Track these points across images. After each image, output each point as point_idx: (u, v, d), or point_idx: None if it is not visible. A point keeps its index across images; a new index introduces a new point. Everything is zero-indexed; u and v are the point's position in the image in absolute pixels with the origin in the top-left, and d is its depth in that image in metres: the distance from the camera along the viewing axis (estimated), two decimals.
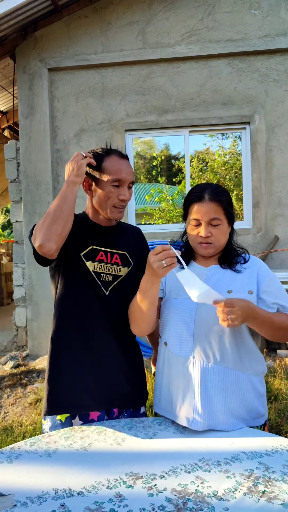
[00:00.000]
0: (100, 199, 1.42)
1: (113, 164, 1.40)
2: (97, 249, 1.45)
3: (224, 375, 1.28)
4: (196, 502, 0.91)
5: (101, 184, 1.40)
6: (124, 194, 1.41)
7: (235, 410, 1.29)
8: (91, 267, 1.43)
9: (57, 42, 4.87)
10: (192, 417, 1.27)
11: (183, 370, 1.31)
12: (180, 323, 1.33)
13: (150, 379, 3.49)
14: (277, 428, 2.68)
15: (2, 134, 7.69)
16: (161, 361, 1.42)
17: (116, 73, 4.89)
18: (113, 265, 1.47)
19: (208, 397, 1.27)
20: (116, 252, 1.48)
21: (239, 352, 1.30)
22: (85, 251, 1.43)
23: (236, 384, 1.29)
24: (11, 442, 2.71)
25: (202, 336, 1.29)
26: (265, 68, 4.70)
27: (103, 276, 1.44)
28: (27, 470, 1.06)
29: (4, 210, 20.78)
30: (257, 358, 1.36)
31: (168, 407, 1.37)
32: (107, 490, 0.97)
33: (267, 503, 0.90)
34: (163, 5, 4.75)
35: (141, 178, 16.92)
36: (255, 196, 4.77)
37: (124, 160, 1.44)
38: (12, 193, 5.10)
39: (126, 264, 1.49)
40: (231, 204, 1.38)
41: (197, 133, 5.03)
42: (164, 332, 1.40)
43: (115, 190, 1.40)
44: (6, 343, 5.17)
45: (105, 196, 1.40)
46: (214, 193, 1.34)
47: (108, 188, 1.39)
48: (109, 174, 1.39)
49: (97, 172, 1.41)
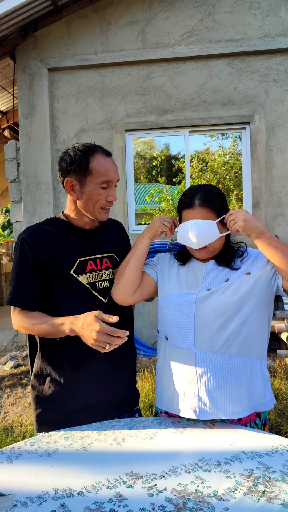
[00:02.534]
0: (86, 201, 1.33)
1: (100, 164, 1.31)
2: (85, 260, 1.38)
3: (228, 362, 1.28)
4: (196, 502, 0.91)
5: (87, 186, 1.31)
6: (112, 195, 1.34)
7: (242, 397, 1.29)
8: (84, 281, 1.36)
9: (57, 42, 4.87)
10: (199, 407, 1.27)
11: (186, 362, 1.31)
12: (181, 316, 1.32)
13: (150, 378, 3.49)
14: (277, 428, 2.68)
15: (2, 134, 7.69)
16: (161, 356, 1.42)
17: (116, 73, 4.89)
18: (105, 270, 1.42)
19: (213, 386, 1.27)
20: (104, 256, 1.43)
21: (242, 337, 1.29)
22: (74, 267, 1.35)
23: (241, 370, 1.29)
24: (11, 442, 2.71)
25: (204, 327, 1.29)
26: (265, 68, 4.70)
27: (99, 285, 1.39)
28: (27, 470, 1.06)
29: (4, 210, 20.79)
30: (261, 341, 1.34)
31: (170, 402, 1.36)
32: (107, 490, 0.97)
33: (267, 503, 0.90)
34: (163, 5, 4.75)
35: (141, 178, 16.92)
36: (255, 196, 4.77)
37: (110, 158, 1.35)
38: (12, 193, 5.10)
39: (117, 265, 1.46)
40: (224, 207, 1.33)
41: (197, 133, 5.03)
42: (164, 326, 1.40)
43: (104, 192, 1.32)
44: (6, 343, 5.17)
45: (93, 198, 1.32)
46: (204, 198, 1.29)
47: (97, 191, 1.31)
48: (97, 176, 1.30)
49: (82, 173, 1.31)
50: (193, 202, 1.30)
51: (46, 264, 1.32)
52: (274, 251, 1.23)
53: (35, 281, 1.32)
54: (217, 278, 1.34)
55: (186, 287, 1.36)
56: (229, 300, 1.28)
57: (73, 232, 1.39)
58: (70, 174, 1.32)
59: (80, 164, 1.30)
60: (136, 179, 10.67)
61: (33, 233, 1.34)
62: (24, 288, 1.32)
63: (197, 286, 1.35)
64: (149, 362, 4.07)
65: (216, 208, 1.30)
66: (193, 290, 1.34)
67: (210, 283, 1.34)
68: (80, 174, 1.31)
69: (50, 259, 1.32)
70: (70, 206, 1.39)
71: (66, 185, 1.34)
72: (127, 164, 4.96)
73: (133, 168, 5.03)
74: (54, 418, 1.37)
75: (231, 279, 1.32)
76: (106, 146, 4.89)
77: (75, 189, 1.33)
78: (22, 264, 1.32)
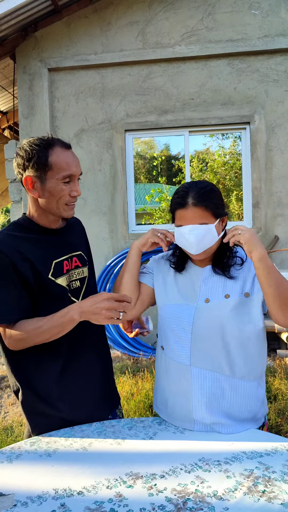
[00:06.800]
0: (49, 199, 1.24)
1: (60, 158, 1.21)
2: (60, 261, 1.31)
3: (222, 382, 1.26)
4: (196, 502, 0.91)
5: (48, 182, 1.22)
6: (76, 190, 1.25)
7: (236, 415, 1.27)
8: (64, 283, 1.30)
9: (57, 42, 4.88)
10: (193, 420, 1.27)
11: (180, 376, 1.29)
12: (178, 329, 1.30)
13: (150, 378, 3.50)
14: (277, 428, 2.68)
15: (2, 134, 7.69)
16: (158, 361, 1.41)
17: (116, 73, 4.89)
18: (75, 270, 1.36)
19: (206, 403, 1.25)
20: (74, 254, 1.38)
21: (239, 358, 1.26)
22: (52, 270, 1.27)
23: (235, 391, 1.26)
24: (11, 442, 2.71)
25: (200, 343, 1.26)
26: (265, 68, 4.71)
27: (72, 285, 1.34)
28: (27, 470, 1.07)
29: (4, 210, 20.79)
30: (258, 361, 1.31)
31: (164, 409, 1.36)
32: (107, 490, 0.97)
33: (267, 503, 0.90)
34: (163, 5, 4.75)
35: (141, 178, 16.92)
36: (255, 196, 4.77)
37: (70, 151, 1.25)
38: (12, 193, 5.10)
39: (84, 263, 1.42)
40: (220, 205, 1.25)
41: (197, 133, 5.03)
42: (161, 336, 1.38)
43: (66, 187, 1.23)
44: None
45: (56, 195, 1.23)
46: (198, 196, 1.21)
47: (59, 186, 1.22)
48: (58, 171, 1.21)
49: (41, 169, 1.21)
50: (186, 202, 1.22)
51: (25, 271, 1.22)
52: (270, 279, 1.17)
53: (21, 289, 1.22)
54: (215, 287, 1.30)
55: (183, 298, 1.32)
56: (227, 319, 1.25)
57: (41, 233, 1.30)
58: (28, 171, 1.23)
59: (38, 159, 1.20)
60: (136, 179, 10.68)
61: (3, 241, 1.22)
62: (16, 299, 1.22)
63: (195, 295, 1.31)
64: (149, 362, 4.07)
65: (211, 206, 1.22)
66: (191, 301, 1.30)
67: (208, 292, 1.30)
68: (39, 170, 1.21)
69: (27, 266, 1.22)
70: (33, 205, 1.29)
71: (25, 183, 1.24)
72: (127, 164, 4.96)
73: (133, 168, 5.03)
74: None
75: (231, 295, 1.27)
76: (106, 146, 4.89)
77: (36, 186, 1.24)
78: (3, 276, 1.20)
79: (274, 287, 1.17)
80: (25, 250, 1.22)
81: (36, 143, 1.21)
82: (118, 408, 1.53)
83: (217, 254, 1.32)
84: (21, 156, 1.23)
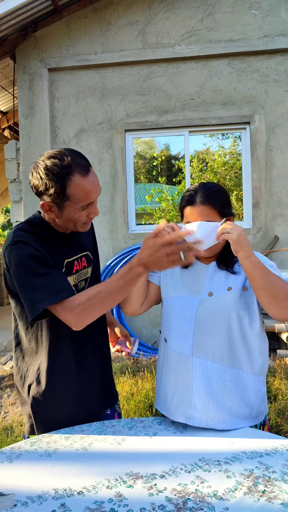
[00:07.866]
0: (66, 222, 1.23)
1: (79, 188, 1.15)
2: (71, 261, 1.31)
3: (223, 373, 1.28)
4: (196, 502, 0.91)
5: (67, 210, 1.19)
6: (94, 212, 1.23)
7: (235, 409, 1.29)
8: (72, 283, 1.30)
9: (57, 42, 4.88)
10: (190, 414, 1.28)
11: (182, 368, 1.32)
12: (181, 321, 1.33)
13: (150, 378, 3.50)
14: (277, 428, 2.68)
15: (2, 134, 7.69)
16: (161, 357, 1.44)
17: (116, 73, 4.89)
18: (83, 270, 1.37)
19: (206, 395, 1.28)
20: (83, 254, 1.38)
21: (240, 350, 1.30)
22: (64, 269, 1.27)
23: (235, 383, 1.29)
24: (11, 442, 2.71)
25: (203, 334, 1.30)
26: (265, 68, 4.71)
27: (79, 285, 1.35)
28: (27, 470, 1.07)
29: (4, 210, 20.79)
30: (258, 356, 1.34)
31: (164, 404, 1.37)
32: (107, 490, 0.97)
33: (267, 503, 0.90)
34: (163, 5, 4.75)
35: (141, 178, 16.92)
36: (255, 196, 4.77)
37: (88, 176, 1.17)
38: (12, 193, 5.10)
39: (90, 263, 1.42)
40: (226, 204, 1.32)
41: (197, 133, 5.03)
42: (165, 329, 1.41)
43: (85, 212, 1.21)
44: (6, 343, 5.16)
45: (74, 220, 1.22)
46: (205, 195, 1.29)
47: (77, 214, 1.20)
48: (76, 201, 1.17)
49: (59, 199, 1.17)
50: (194, 199, 1.30)
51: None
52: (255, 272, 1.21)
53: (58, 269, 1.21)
54: (219, 282, 1.35)
55: (188, 291, 1.36)
56: (229, 311, 1.29)
57: (54, 233, 1.30)
58: (45, 197, 1.19)
59: (56, 190, 1.15)
60: (136, 179, 10.67)
61: (25, 236, 1.22)
62: (58, 278, 1.19)
63: (199, 289, 1.35)
64: (149, 362, 4.07)
65: (218, 205, 1.29)
66: (195, 294, 1.35)
67: (212, 286, 1.34)
68: (57, 200, 1.17)
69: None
70: (48, 217, 1.28)
71: (41, 206, 1.22)
72: (127, 164, 4.96)
73: (133, 168, 5.03)
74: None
75: (233, 288, 1.32)
76: (106, 146, 4.89)
77: (53, 210, 1.21)
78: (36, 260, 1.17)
79: (259, 279, 1.22)
80: (40, 246, 1.21)
81: (53, 171, 1.14)
82: (117, 403, 1.54)
83: (222, 252, 1.38)
84: (37, 181, 1.18)
